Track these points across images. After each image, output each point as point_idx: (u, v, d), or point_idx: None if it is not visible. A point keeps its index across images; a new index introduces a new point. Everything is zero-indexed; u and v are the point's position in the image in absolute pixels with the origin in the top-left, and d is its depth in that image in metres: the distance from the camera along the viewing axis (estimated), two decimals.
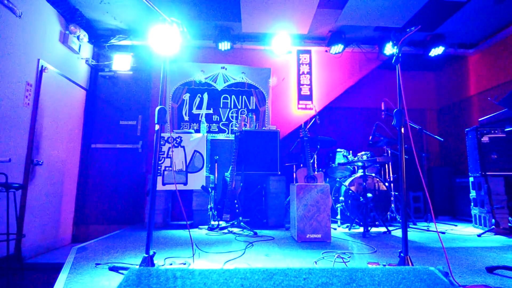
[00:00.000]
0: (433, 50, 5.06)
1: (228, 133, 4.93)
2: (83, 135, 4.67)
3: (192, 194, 4.00)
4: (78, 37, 4.37)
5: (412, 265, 1.78)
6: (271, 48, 5.07)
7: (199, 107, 4.97)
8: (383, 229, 3.65)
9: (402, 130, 1.89)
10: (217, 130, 4.94)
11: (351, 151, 4.60)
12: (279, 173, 4.14)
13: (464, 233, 3.69)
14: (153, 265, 1.87)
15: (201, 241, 3.08)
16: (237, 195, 3.73)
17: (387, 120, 3.68)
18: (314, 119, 4.46)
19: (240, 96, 5.07)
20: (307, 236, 3.03)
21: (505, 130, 2.91)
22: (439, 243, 3.07)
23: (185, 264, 2.07)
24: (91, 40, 4.78)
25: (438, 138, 4.19)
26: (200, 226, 3.88)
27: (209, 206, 3.95)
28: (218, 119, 4.98)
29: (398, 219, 4.20)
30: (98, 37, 4.93)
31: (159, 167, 3.96)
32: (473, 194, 4.03)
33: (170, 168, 3.96)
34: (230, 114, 5.01)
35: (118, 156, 4.77)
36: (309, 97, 5.29)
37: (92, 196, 4.68)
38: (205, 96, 5.00)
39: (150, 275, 0.89)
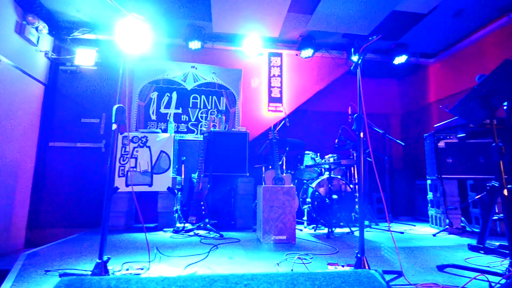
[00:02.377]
0: (397, 58, 5.30)
1: (197, 134, 4.85)
2: (40, 132, 4.38)
3: (158, 196, 3.89)
4: (36, 29, 4.11)
5: (368, 265, 1.84)
6: (242, 49, 5.07)
7: (168, 106, 4.84)
8: (347, 229, 3.76)
9: (361, 134, 1.95)
10: (185, 130, 4.84)
11: (318, 154, 4.69)
12: (248, 174, 4.13)
13: (421, 232, 3.88)
14: (106, 271, 1.79)
15: (164, 244, 2.99)
16: (204, 196, 3.67)
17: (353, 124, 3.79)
18: (284, 121, 4.51)
19: (210, 97, 5.01)
20: (272, 238, 3.04)
21: (458, 136, 3.12)
22: (399, 243, 3.20)
23: (142, 269, 1.99)
24: (51, 32, 4.50)
25: (400, 142, 4.39)
26: (165, 229, 3.77)
27: (175, 208, 3.85)
28: (187, 119, 4.88)
29: None
30: (59, 29, 4.66)
31: (123, 168, 3.81)
32: (430, 195, 4.26)
33: (135, 169, 3.82)
34: (199, 115, 4.94)
35: (79, 156, 4.53)
36: (279, 100, 5.34)
37: (49, 198, 4.39)
38: (174, 95, 4.89)
39: (82, 285, 0.83)
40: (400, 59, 5.31)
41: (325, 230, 3.78)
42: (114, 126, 1.84)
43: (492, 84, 1.86)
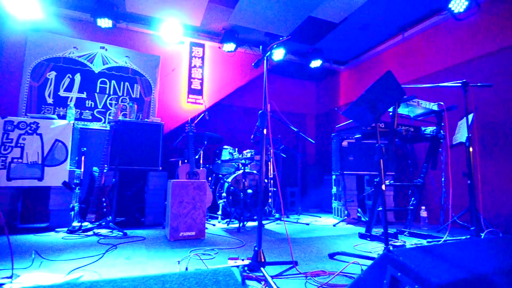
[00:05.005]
0: (313, 62, 5.67)
1: (104, 122, 4.38)
2: None
3: (50, 192, 3.38)
4: None
5: (264, 257, 1.89)
6: (161, 34, 4.74)
7: (69, 89, 4.24)
8: None
9: (265, 131, 1.98)
10: (90, 118, 4.32)
11: (237, 149, 4.72)
12: (161, 168, 3.91)
13: (325, 223, 4.24)
14: None
15: (53, 246, 2.61)
16: (107, 192, 3.33)
17: (271, 121, 3.89)
18: (203, 114, 4.40)
19: (122, 82, 4.56)
20: (180, 234, 2.93)
21: (355, 137, 3.49)
22: (303, 233, 3.44)
23: (10, 277, 1.68)
24: None
25: (311, 140, 4.71)
26: (58, 229, 3.31)
27: (71, 205, 3.41)
28: (92, 106, 4.36)
29: (273, 213, 4.54)
30: None
31: (4, 158, 3.20)
32: (334, 189, 4.69)
33: (20, 160, 3.24)
34: (108, 101, 4.46)
35: None
36: (199, 92, 5.19)
37: None
38: (77, 77, 4.30)
39: None
40: (315, 63, 5.69)
41: (238, 224, 3.84)
42: None
43: (377, 91, 2.09)
